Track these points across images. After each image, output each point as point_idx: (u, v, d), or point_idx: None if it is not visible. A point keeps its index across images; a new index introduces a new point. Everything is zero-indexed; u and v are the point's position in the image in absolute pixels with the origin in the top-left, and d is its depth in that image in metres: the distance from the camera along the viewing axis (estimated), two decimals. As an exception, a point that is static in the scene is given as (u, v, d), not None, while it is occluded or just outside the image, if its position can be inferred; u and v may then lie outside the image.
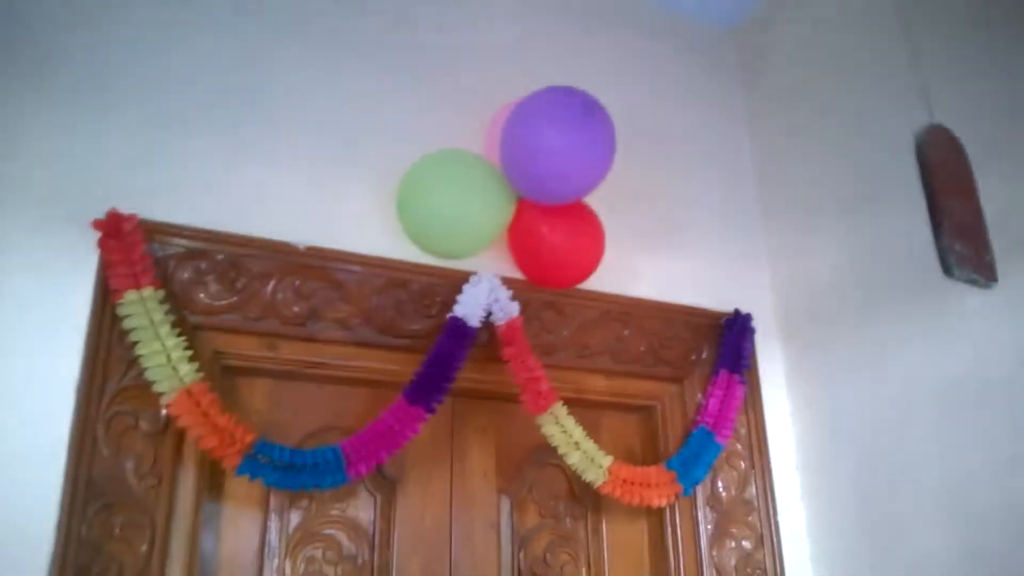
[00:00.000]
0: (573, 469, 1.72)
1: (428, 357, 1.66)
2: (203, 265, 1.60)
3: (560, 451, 1.71)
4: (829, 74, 2.06)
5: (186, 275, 1.59)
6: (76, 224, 1.52)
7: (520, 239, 1.75)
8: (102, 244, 1.50)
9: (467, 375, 1.71)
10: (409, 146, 1.78)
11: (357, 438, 1.56)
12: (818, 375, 1.96)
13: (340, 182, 1.77)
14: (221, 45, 1.77)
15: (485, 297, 1.72)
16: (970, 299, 1.62)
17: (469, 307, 1.71)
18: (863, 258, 1.88)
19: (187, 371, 1.47)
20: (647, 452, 1.95)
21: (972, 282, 1.50)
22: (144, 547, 1.42)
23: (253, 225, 1.66)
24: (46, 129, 1.56)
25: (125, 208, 1.53)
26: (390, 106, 1.87)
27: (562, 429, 1.71)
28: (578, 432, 1.71)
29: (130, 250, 1.50)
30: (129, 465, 1.45)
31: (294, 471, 1.49)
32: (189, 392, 1.46)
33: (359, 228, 1.75)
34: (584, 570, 1.84)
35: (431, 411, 1.62)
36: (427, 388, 1.62)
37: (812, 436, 1.95)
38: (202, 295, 1.59)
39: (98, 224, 1.51)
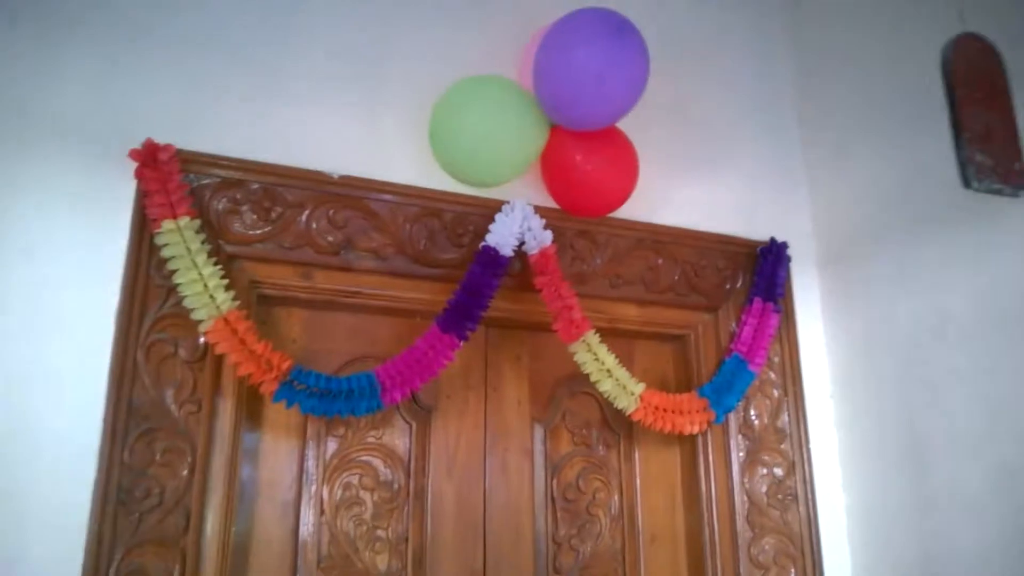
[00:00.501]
0: (605, 396, 1.72)
1: (461, 286, 1.65)
2: (238, 195, 1.60)
3: (592, 379, 1.71)
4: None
5: (222, 205, 1.58)
6: (114, 155, 1.51)
7: (553, 167, 1.72)
8: (139, 174, 1.50)
9: (500, 304, 1.71)
10: (441, 73, 1.75)
11: (392, 365, 1.57)
12: (854, 302, 1.93)
13: (372, 111, 1.74)
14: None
15: (517, 226, 1.71)
16: (1006, 212, 1.58)
17: (501, 236, 1.69)
18: (899, 180, 1.84)
19: (224, 299, 1.47)
20: (680, 381, 1.95)
21: (996, 192, 1.46)
22: (185, 472, 1.45)
23: (286, 155, 1.65)
24: (83, 63, 1.55)
25: (161, 139, 1.52)
26: (421, 33, 1.83)
27: (594, 357, 1.70)
28: (610, 360, 1.71)
29: (166, 180, 1.50)
30: (169, 392, 1.47)
31: (330, 397, 1.51)
32: (226, 320, 1.47)
33: (392, 157, 1.73)
34: (616, 496, 1.86)
35: (464, 339, 1.62)
36: (460, 316, 1.62)
37: (847, 364, 1.94)
38: (238, 225, 1.59)
39: (134, 153, 1.50)
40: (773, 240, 1.98)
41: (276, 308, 1.68)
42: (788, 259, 1.98)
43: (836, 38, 2.08)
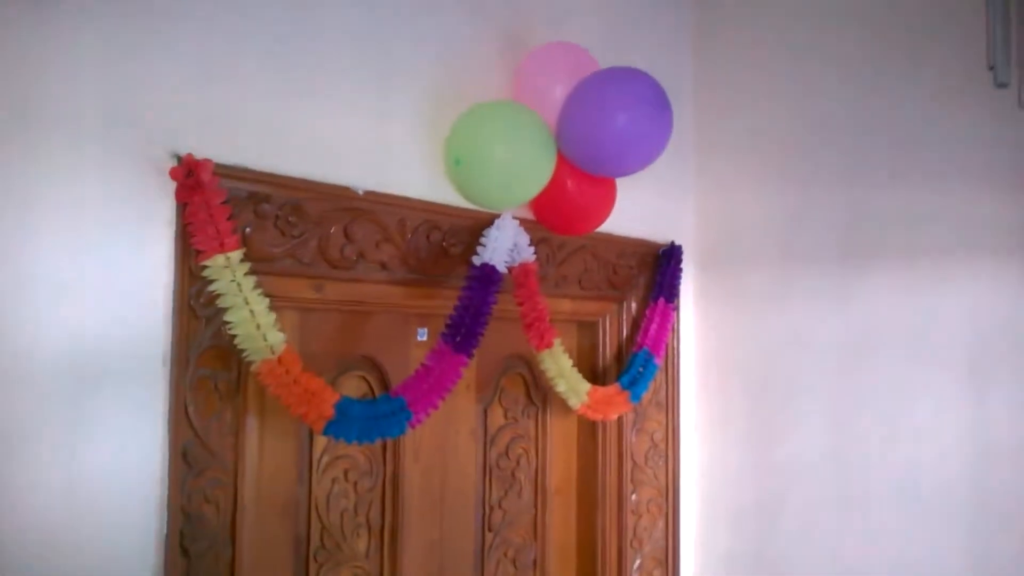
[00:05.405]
0: (560, 395, 1.97)
1: (461, 303, 1.73)
2: (265, 209, 1.49)
3: (552, 381, 1.94)
4: (782, 27, 2.30)
5: (248, 219, 1.47)
6: (141, 169, 1.33)
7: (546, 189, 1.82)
8: (183, 197, 1.35)
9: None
10: (442, 90, 1.79)
11: (413, 385, 1.65)
12: (725, 304, 2.38)
13: (380, 125, 1.69)
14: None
15: (510, 241, 1.81)
16: (871, 265, 2.11)
17: (496, 252, 1.78)
18: (788, 214, 2.26)
19: (276, 340, 1.43)
20: (584, 357, 2.26)
21: None
22: (229, 506, 1.46)
23: (301, 168, 1.55)
24: (98, 73, 1.29)
25: (183, 148, 1.36)
26: (420, 51, 1.78)
27: (556, 364, 1.93)
28: (567, 366, 1.95)
29: (211, 205, 1.36)
30: (212, 427, 1.43)
31: (368, 425, 1.56)
32: (279, 360, 1.43)
33: (401, 172, 1.72)
34: (534, 459, 2.17)
35: (471, 357, 1.74)
36: (465, 335, 1.73)
37: (712, 352, 2.40)
38: (261, 239, 1.50)
39: (175, 172, 1.33)
40: (673, 244, 2.31)
41: (268, 310, 1.63)
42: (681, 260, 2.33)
43: (742, 71, 2.38)
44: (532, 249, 1.87)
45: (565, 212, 1.86)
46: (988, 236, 2.00)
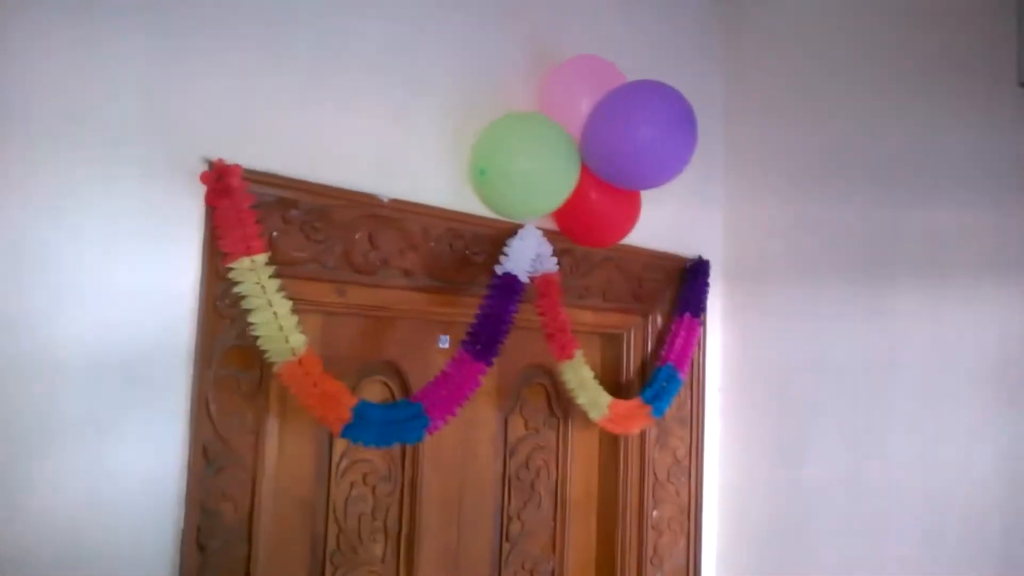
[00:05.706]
0: (581, 407, 1.98)
1: (482, 312, 1.75)
2: (292, 215, 1.53)
3: (573, 393, 1.95)
4: (811, 42, 2.28)
5: (275, 223, 1.51)
6: (174, 173, 1.37)
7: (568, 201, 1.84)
8: (213, 202, 1.39)
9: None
10: (467, 97, 1.82)
11: (432, 391, 1.66)
12: (752, 320, 2.36)
13: (410, 135, 1.72)
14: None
15: (533, 251, 1.83)
16: (898, 294, 2.08)
17: (518, 262, 1.80)
18: (817, 230, 2.23)
19: (298, 341, 1.46)
20: (607, 370, 2.26)
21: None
22: (247, 503, 1.48)
23: (330, 177, 1.59)
24: (139, 82, 1.35)
25: (213, 153, 1.41)
26: (461, 58, 1.83)
27: (577, 375, 1.94)
28: (588, 377, 1.96)
29: (240, 209, 1.40)
30: (233, 426, 1.46)
31: (386, 429, 1.58)
32: (300, 362, 1.46)
33: (425, 179, 1.75)
34: (553, 471, 2.17)
35: (491, 365, 1.75)
36: (485, 343, 1.74)
37: (737, 368, 2.38)
38: (287, 243, 1.54)
39: (206, 177, 1.38)
40: (700, 258, 2.30)
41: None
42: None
43: (773, 88, 2.37)
44: (555, 260, 1.88)
45: (588, 224, 1.87)
46: (1020, 254, 1.96)
